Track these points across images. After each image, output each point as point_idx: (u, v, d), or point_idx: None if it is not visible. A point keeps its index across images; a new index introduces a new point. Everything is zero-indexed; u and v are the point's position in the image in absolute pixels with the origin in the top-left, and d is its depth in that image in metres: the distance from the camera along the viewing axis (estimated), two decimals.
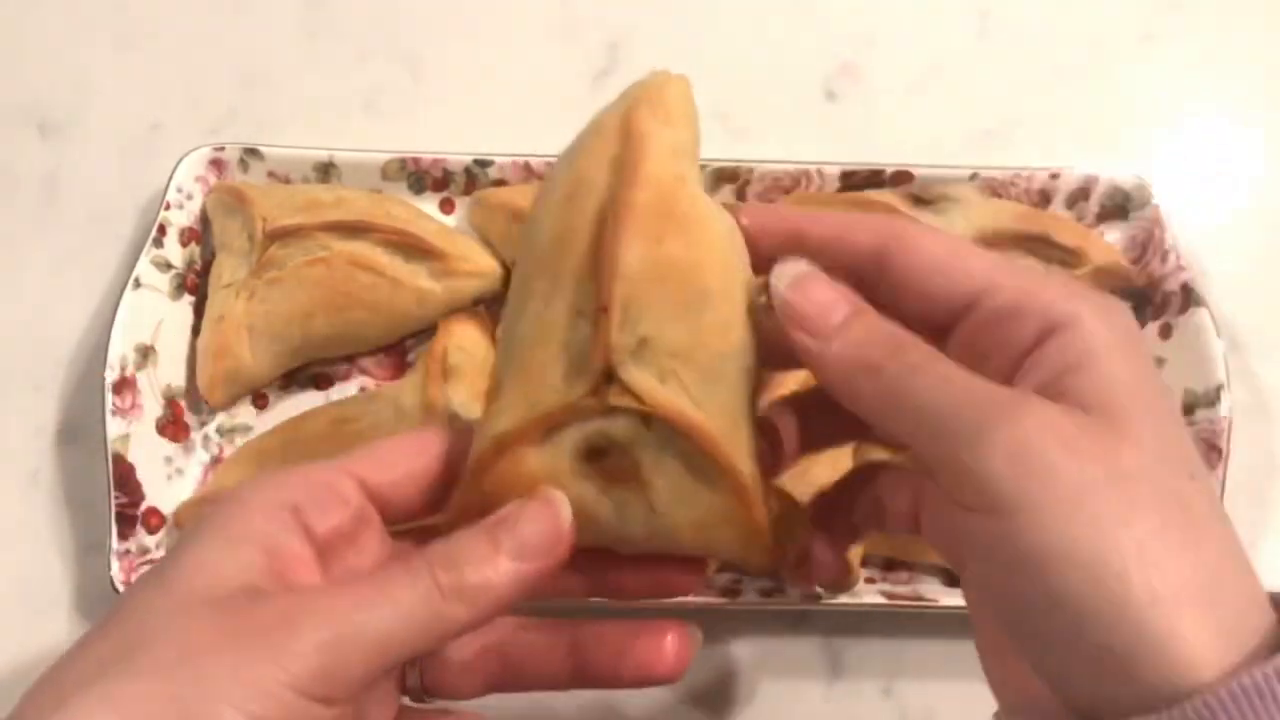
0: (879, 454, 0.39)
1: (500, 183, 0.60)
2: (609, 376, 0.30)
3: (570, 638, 0.35)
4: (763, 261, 0.33)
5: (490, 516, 0.31)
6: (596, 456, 0.32)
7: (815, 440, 0.36)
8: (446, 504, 0.34)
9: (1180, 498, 0.26)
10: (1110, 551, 0.25)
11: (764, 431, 0.33)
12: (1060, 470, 0.26)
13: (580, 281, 0.31)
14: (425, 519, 0.35)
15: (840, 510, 0.37)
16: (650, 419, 0.31)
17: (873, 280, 0.32)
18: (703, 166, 0.59)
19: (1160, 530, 0.25)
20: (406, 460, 0.35)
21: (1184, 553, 0.25)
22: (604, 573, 0.35)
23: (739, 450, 0.32)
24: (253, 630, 0.28)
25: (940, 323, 0.31)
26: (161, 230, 0.57)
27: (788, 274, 0.32)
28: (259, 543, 0.30)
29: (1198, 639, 0.24)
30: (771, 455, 0.34)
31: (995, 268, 0.30)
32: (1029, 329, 0.29)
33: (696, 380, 0.31)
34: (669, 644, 0.34)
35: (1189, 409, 0.55)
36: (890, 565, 0.53)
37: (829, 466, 0.47)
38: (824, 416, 0.34)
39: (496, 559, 0.30)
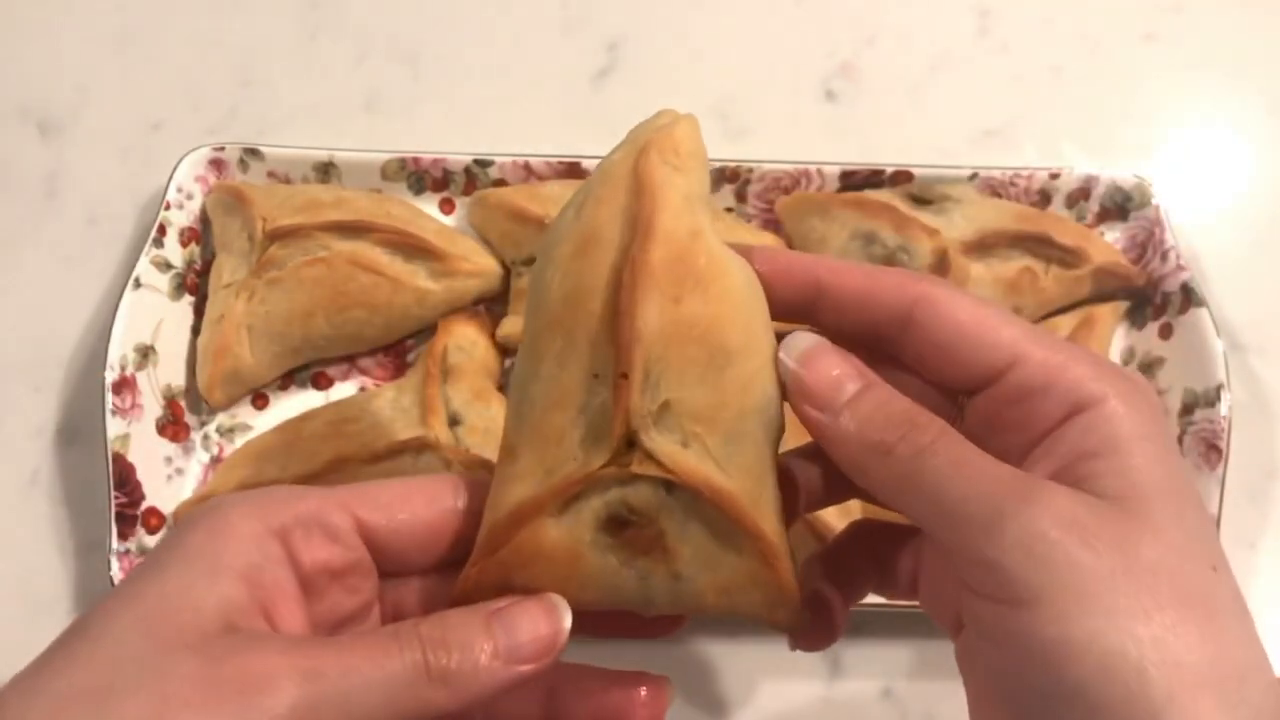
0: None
1: (500, 182, 0.60)
2: (630, 443, 0.29)
3: (547, 682, 0.34)
4: (779, 309, 0.32)
5: (491, 604, 0.30)
6: (618, 526, 0.31)
7: (839, 490, 0.35)
8: (451, 565, 0.33)
9: (1201, 590, 0.26)
10: (1128, 646, 0.25)
11: (782, 480, 0.32)
12: (1078, 562, 0.25)
13: (596, 343, 0.30)
14: (419, 574, 0.34)
15: (843, 567, 0.36)
16: (673, 485, 0.30)
17: (895, 340, 0.31)
18: None
19: (1179, 624, 0.25)
20: (413, 507, 0.33)
21: (1203, 647, 0.25)
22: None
23: (764, 511, 0.31)
24: (231, 684, 0.27)
25: (962, 389, 0.31)
26: (161, 230, 0.57)
27: (796, 347, 0.31)
28: (243, 573, 0.29)
29: None
30: (788, 505, 0.33)
31: (1024, 338, 0.30)
32: (1054, 407, 0.28)
33: (720, 442, 0.30)
34: (642, 696, 0.34)
35: (1189, 409, 0.55)
36: None
37: (839, 513, 0.47)
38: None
39: (489, 655, 0.29)
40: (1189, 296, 0.56)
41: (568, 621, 0.31)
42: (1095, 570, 0.25)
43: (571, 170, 0.59)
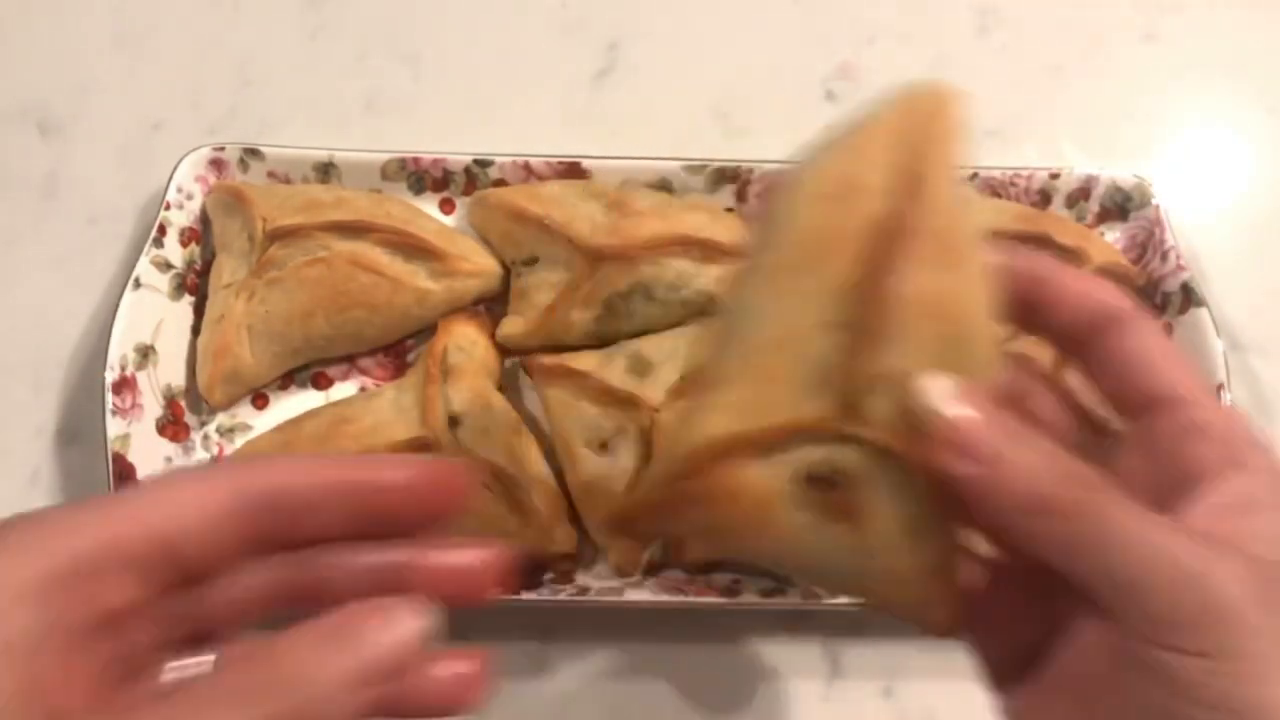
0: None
1: (500, 183, 0.60)
2: (853, 403, 0.28)
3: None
4: (1021, 300, 0.32)
5: (334, 628, 0.26)
6: (820, 484, 0.29)
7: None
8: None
9: None
10: None
11: None
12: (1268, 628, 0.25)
13: (840, 293, 0.28)
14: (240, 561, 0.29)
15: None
16: (886, 457, 0.28)
17: (1089, 344, 0.31)
18: (703, 166, 0.59)
19: None
20: (198, 499, 0.27)
21: None
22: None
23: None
24: None
25: (1136, 407, 0.31)
26: (161, 230, 0.57)
27: (937, 390, 0.28)
28: (10, 660, 0.23)
29: None
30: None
31: (1200, 389, 0.30)
32: (1217, 455, 0.29)
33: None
34: (461, 672, 0.29)
35: None
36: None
37: None
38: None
39: (350, 693, 0.25)
40: (1189, 296, 0.56)
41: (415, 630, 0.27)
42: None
43: (571, 170, 0.59)
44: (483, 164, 0.60)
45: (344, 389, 0.58)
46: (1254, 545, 0.27)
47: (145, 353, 0.55)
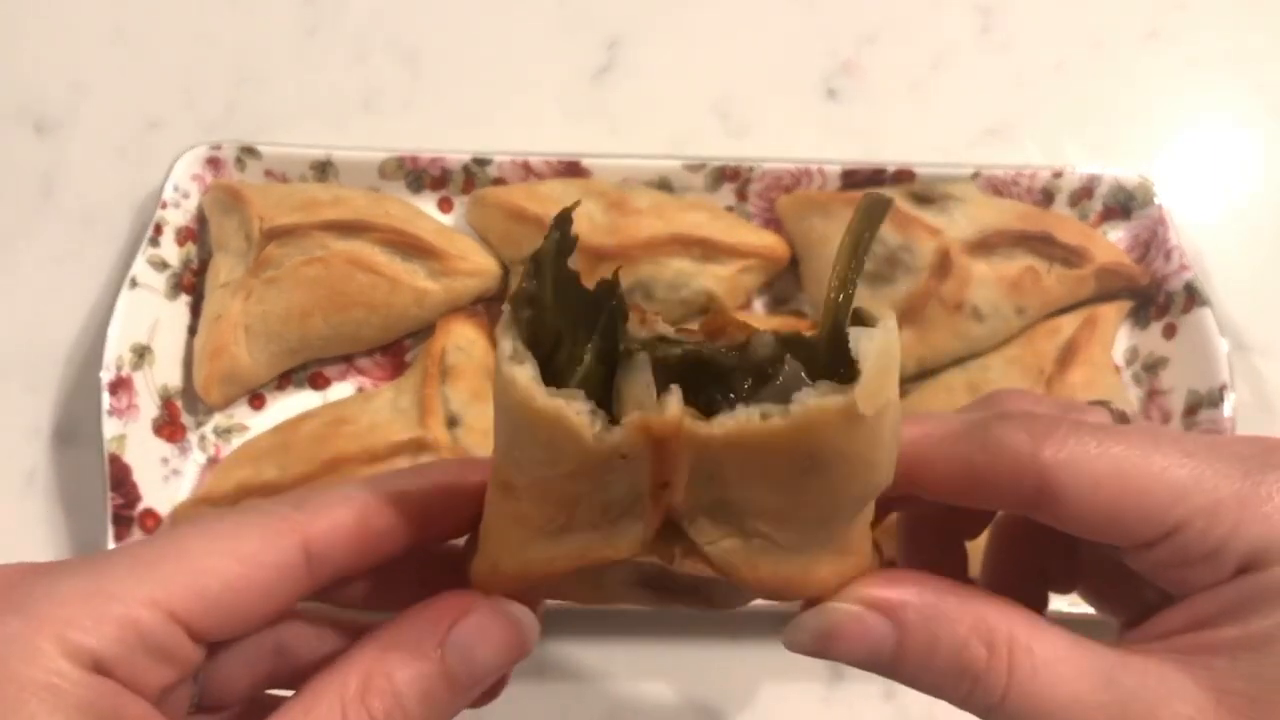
0: None
1: (499, 181, 0.60)
2: (672, 530, 0.25)
3: (276, 639, 0.30)
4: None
5: (436, 621, 0.26)
6: (653, 583, 0.27)
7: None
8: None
9: None
10: None
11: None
12: None
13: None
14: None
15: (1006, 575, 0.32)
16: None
17: (1036, 513, 0.27)
18: (702, 165, 0.59)
19: None
20: (248, 581, 0.26)
21: None
22: None
23: (836, 566, 0.27)
24: None
25: (1118, 550, 0.27)
26: (158, 229, 0.56)
27: (810, 628, 0.27)
28: None
29: None
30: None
31: (1182, 494, 0.25)
32: (1216, 570, 0.25)
33: (795, 536, 0.25)
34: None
35: (1192, 409, 0.55)
36: None
37: None
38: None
39: (450, 695, 0.26)
40: (1192, 296, 0.56)
41: (534, 635, 0.28)
42: None
43: (571, 169, 0.59)
44: (481, 162, 0.59)
45: (342, 389, 0.58)
46: (1213, 666, 0.25)
47: (141, 353, 0.54)
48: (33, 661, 0.23)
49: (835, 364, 0.23)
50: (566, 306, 0.24)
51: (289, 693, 0.27)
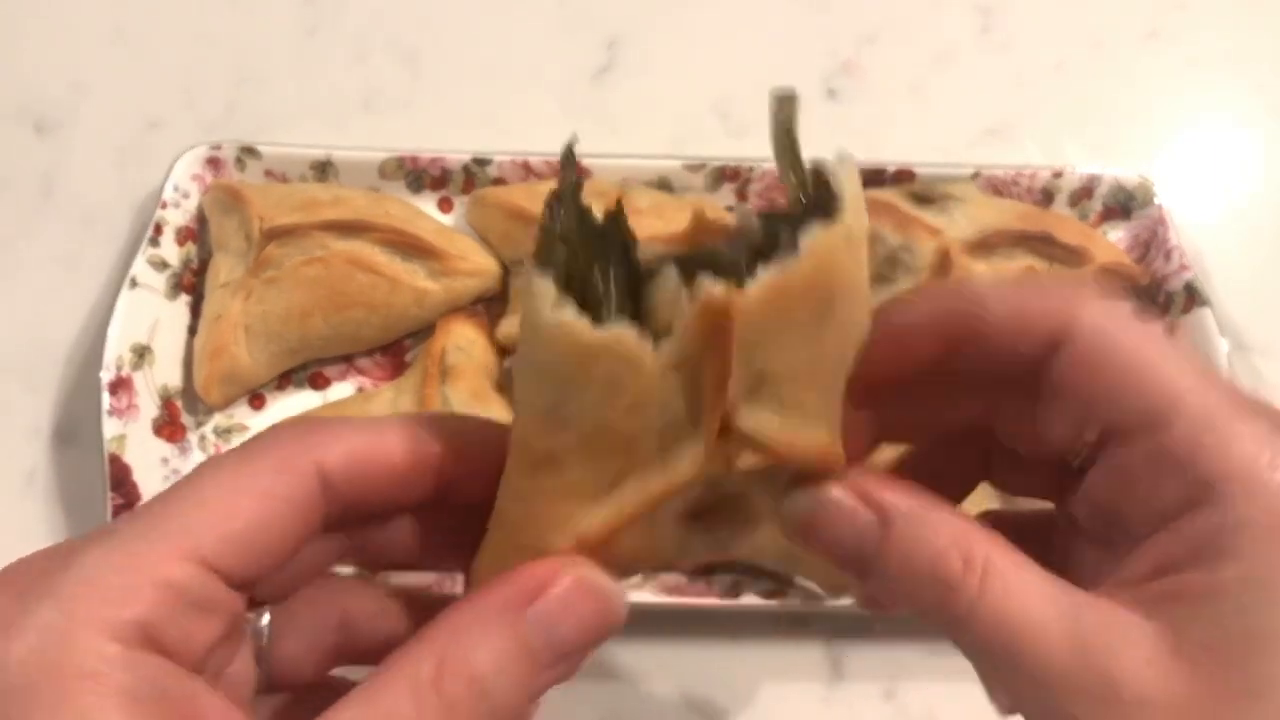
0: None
1: (499, 181, 0.60)
2: (725, 430, 0.25)
3: (423, 614, 0.28)
4: (939, 352, 0.27)
5: (512, 599, 0.24)
6: (703, 511, 0.27)
7: (889, 432, 0.31)
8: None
9: None
10: None
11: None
12: None
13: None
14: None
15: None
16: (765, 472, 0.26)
17: (1039, 370, 0.27)
18: (702, 165, 0.59)
19: None
20: (267, 512, 0.25)
21: None
22: None
23: (836, 444, 0.27)
24: None
25: (1106, 436, 0.26)
26: (158, 229, 0.56)
27: (800, 507, 0.27)
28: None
29: None
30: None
31: (1181, 389, 0.25)
32: (1180, 491, 0.25)
33: (817, 396, 0.26)
34: None
35: None
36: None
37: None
38: (896, 404, 0.29)
39: (530, 677, 0.24)
40: (1193, 296, 0.56)
41: (620, 602, 0.25)
42: None
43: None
44: (481, 162, 0.59)
45: (342, 389, 0.58)
46: (1173, 615, 0.24)
47: (141, 353, 0.54)
48: (75, 649, 0.22)
49: (817, 211, 0.25)
50: (584, 242, 0.24)
51: (361, 672, 0.26)
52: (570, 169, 0.26)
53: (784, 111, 0.27)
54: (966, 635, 0.25)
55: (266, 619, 0.28)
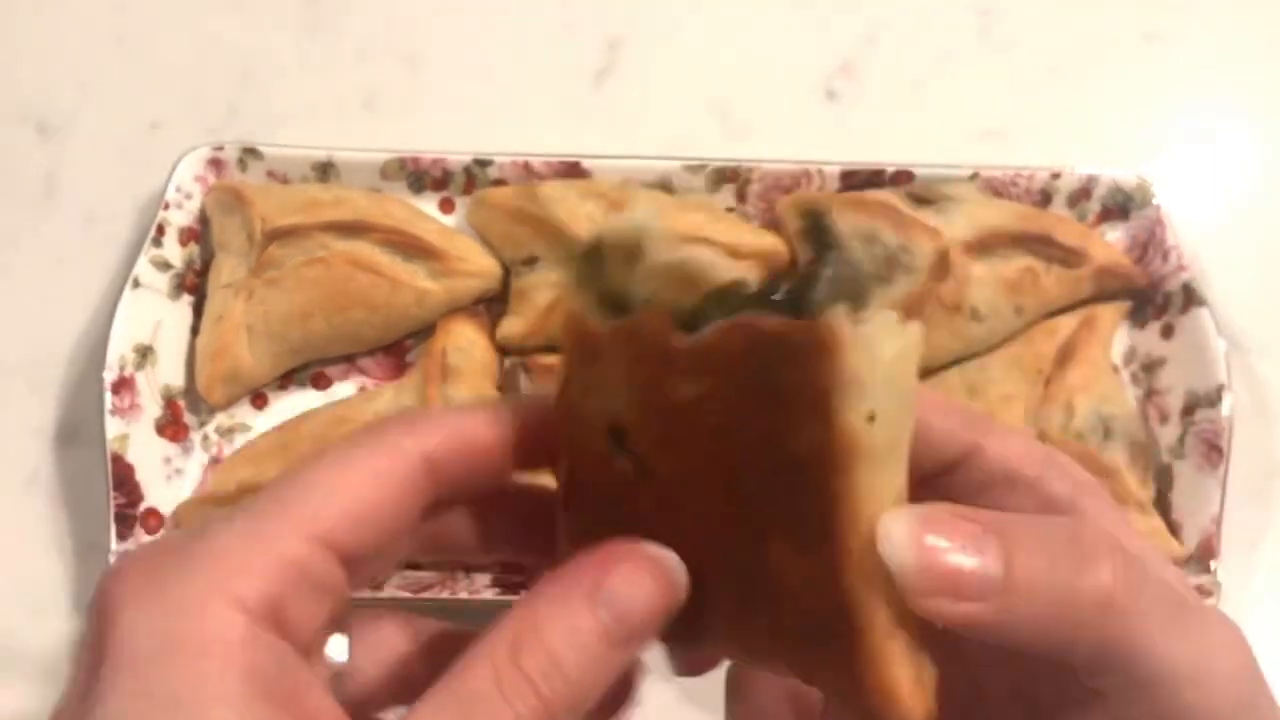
0: None
1: (500, 182, 0.60)
2: None
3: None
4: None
5: (576, 575, 0.25)
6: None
7: None
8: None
9: None
10: None
11: None
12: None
13: None
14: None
15: None
16: None
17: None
18: (703, 166, 0.59)
19: None
20: (379, 493, 0.26)
21: None
22: None
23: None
24: None
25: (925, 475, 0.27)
26: (160, 230, 0.57)
27: (898, 531, 0.23)
28: (259, 697, 0.22)
29: None
30: None
31: (977, 426, 0.26)
32: (1024, 501, 0.26)
33: None
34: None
35: (1190, 409, 0.55)
36: None
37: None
38: None
39: (604, 658, 0.24)
40: (1190, 296, 0.56)
41: (681, 576, 0.25)
42: None
43: (571, 170, 0.59)
44: (482, 163, 0.60)
45: (343, 389, 0.58)
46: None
47: (144, 353, 0.54)
48: (203, 620, 0.22)
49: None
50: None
51: None
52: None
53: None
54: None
55: (344, 641, 0.28)
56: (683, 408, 0.23)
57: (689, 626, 0.26)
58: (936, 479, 0.27)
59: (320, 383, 0.58)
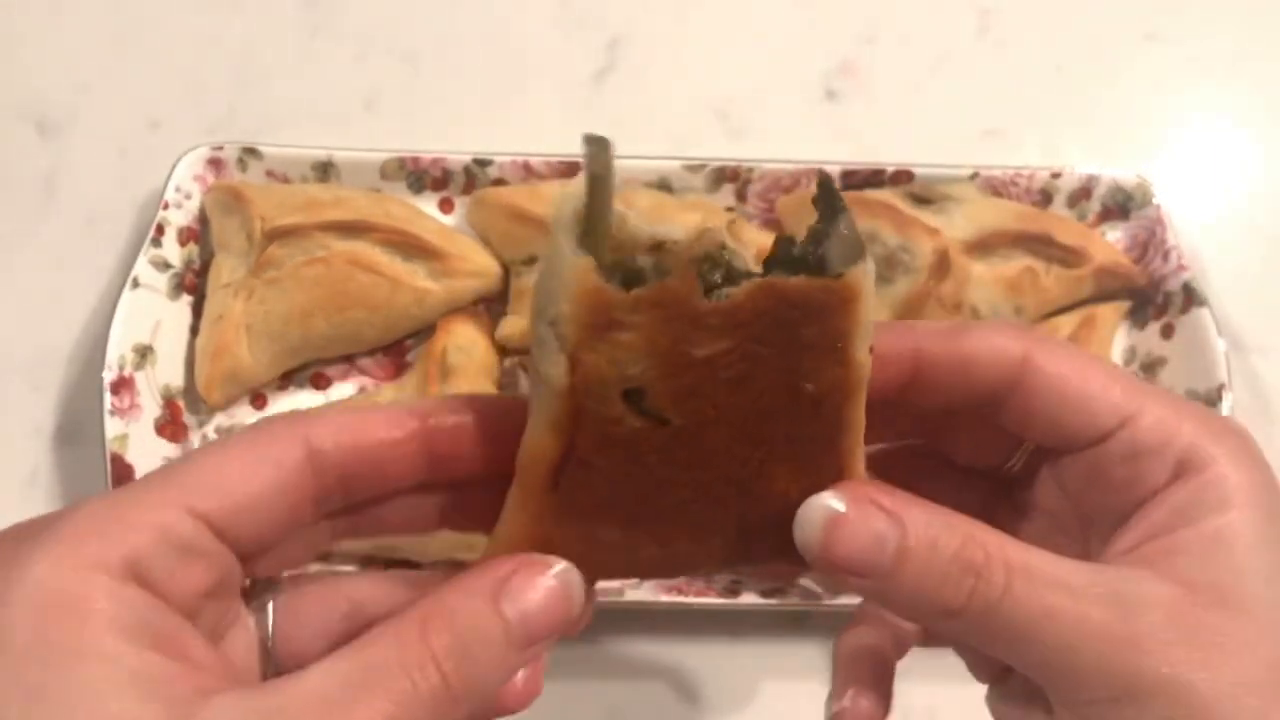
0: None
1: (500, 182, 0.60)
2: None
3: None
4: (889, 389, 0.30)
5: (492, 573, 0.26)
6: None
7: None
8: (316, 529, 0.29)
9: None
10: None
11: None
12: (1195, 688, 0.25)
13: None
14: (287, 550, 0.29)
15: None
16: None
17: (995, 406, 0.30)
18: (702, 165, 0.59)
19: None
20: (256, 476, 0.27)
21: None
22: None
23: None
24: None
25: (1066, 449, 0.30)
26: (160, 230, 0.57)
27: (813, 519, 0.27)
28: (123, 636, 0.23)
29: None
30: None
31: (1134, 396, 0.29)
32: (1162, 468, 0.28)
33: None
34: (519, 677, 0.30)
35: None
36: None
37: None
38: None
39: (504, 646, 0.26)
40: (1190, 296, 0.56)
41: (580, 592, 0.27)
42: (1215, 692, 0.25)
43: (571, 170, 0.59)
44: (482, 163, 0.60)
45: (343, 389, 0.58)
46: (1178, 565, 0.27)
47: (143, 352, 0.54)
48: (66, 582, 0.23)
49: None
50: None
51: None
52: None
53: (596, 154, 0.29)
54: (998, 620, 0.27)
55: (271, 607, 0.29)
56: (705, 362, 0.26)
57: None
58: (1090, 447, 0.29)
59: (320, 383, 0.58)
